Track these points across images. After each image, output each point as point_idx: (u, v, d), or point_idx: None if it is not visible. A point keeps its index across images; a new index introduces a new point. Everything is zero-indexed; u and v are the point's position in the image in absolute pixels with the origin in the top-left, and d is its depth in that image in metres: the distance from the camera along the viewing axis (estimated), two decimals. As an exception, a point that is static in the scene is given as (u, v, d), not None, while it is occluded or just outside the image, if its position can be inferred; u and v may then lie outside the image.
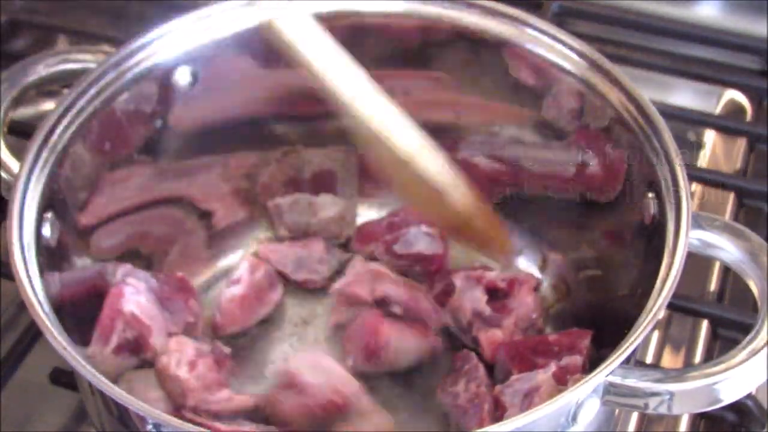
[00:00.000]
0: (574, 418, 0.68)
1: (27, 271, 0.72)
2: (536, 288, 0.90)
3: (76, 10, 1.24)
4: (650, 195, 0.79)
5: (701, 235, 0.75)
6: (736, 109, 1.15)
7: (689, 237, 0.73)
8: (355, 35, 0.90)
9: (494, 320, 0.87)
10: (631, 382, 0.68)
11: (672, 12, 1.21)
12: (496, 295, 0.88)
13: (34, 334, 0.89)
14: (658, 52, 1.17)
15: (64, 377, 0.87)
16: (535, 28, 0.86)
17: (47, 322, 0.69)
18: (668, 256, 0.72)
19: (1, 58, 1.08)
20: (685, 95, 1.15)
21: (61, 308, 0.74)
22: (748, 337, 0.69)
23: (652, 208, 0.79)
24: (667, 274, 0.71)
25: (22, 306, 0.72)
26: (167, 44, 0.86)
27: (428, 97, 0.94)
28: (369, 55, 0.88)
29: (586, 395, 0.67)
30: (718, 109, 1.16)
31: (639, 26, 1.19)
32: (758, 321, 0.70)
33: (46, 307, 0.71)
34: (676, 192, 0.75)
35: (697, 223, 0.75)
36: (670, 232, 0.74)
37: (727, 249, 0.75)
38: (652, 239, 0.78)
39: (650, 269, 0.74)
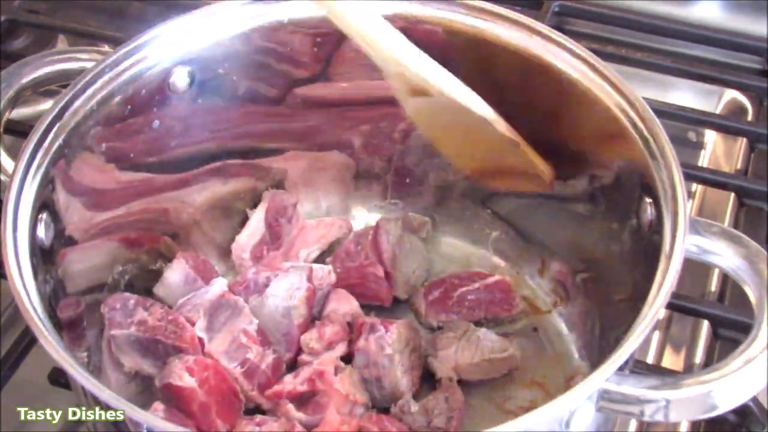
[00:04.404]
0: (568, 425, 0.67)
1: (20, 272, 0.72)
2: None
3: (76, 10, 1.25)
4: (647, 199, 0.78)
5: (698, 241, 0.74)
6: (736, 109, 1.15)
7: (686, 243, 0.72)
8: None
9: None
10: (626, 389, 0.66)
11: (672, 12, 1.21)
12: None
13: (33, 334, 0.89)
14: (658, 52, 1.17)
15: (63, 378, 0.87)
16: (533, 30, 0.86)
17: (40, 326, 0.69)
18: (665, 262, 0.71)
19: (1, 58, 1.08)
20: (686, 95, 1.15)
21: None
22: (744, 344, 0.69)
23: (650, 212, 0.78)
24: (663, 280, 0.70)
25: (21, 306, 0.72)
26: (164, 45, 0.86)
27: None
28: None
29: (580, 402, 0.66)
30: (718, 109, 1.16)
31: (639, 26, 1.19)
32: (755, 328, 0.69)
33: (40, 309, 0.71)
34: (674, 196, 0.75)
35: (695, 228, 0.74)
36: (667, 237, 0.73)
37: (724, 255, 0.74)
38: (650, 244, 0.77)
39: (647, 274, 0.73)
